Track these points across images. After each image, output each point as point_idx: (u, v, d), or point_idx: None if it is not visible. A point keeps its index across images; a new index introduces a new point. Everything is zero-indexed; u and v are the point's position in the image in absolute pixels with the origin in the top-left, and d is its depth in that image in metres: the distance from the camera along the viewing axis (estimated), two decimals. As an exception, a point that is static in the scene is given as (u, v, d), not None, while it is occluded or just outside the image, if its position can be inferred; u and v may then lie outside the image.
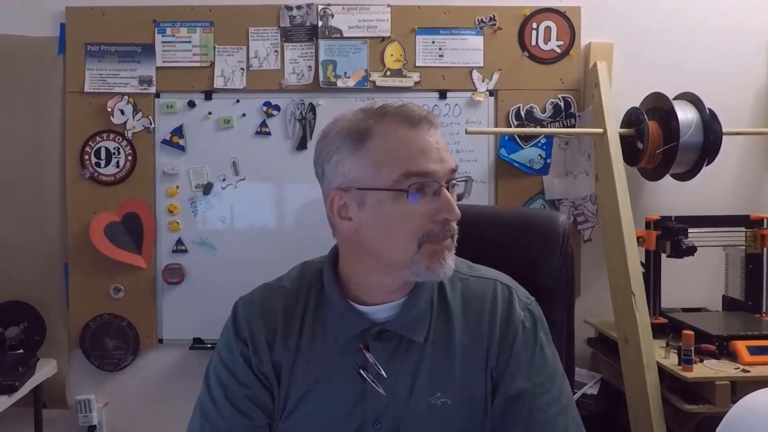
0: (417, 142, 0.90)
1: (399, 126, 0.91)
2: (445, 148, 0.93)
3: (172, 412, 2.14)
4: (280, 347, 0.98)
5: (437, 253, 0.90)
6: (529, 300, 1.01)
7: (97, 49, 2.14)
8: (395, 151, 0.90)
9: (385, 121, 0.91)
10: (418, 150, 0.90)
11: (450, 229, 0.91)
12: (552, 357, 0.98)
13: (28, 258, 2.11)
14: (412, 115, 0.91)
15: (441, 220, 0.90)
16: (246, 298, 1.04)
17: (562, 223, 1.22)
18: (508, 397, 0.94)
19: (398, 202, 0.89)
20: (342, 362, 0.96)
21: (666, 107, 1.93)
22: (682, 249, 1.83)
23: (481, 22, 2.15)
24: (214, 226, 2.16)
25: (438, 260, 0.90)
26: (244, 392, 0.96)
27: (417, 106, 0.93)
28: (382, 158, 0.90)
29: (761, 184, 2.22)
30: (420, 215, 0.89)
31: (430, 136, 0.91)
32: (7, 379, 1.82)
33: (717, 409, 1.53)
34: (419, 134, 0.91)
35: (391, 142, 0.90)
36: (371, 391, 0.94)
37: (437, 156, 0.90)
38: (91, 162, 2.13)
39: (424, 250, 0.90)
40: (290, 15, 2.14)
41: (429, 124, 0.92)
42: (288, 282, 1.04)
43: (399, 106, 0.93)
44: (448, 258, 0.92)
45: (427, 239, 0.90)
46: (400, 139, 0.90)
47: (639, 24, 2.17)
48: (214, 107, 2.15)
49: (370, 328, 0.96)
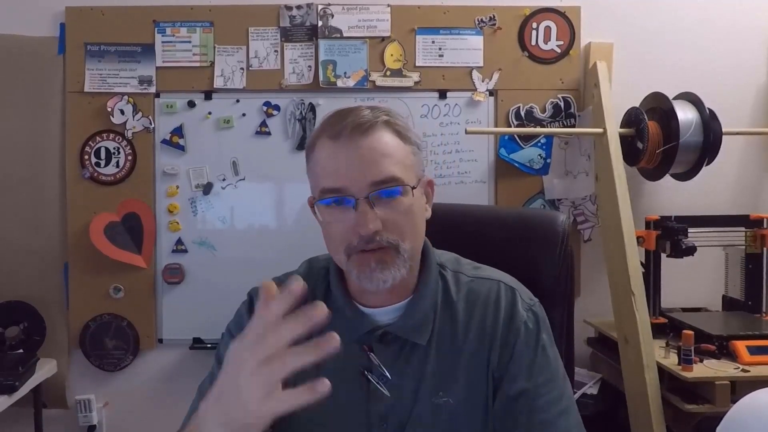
0: (332, 158, 0.91)
1: (325, 139, 0.93)
2: (373, 158, 0.90)
3: (172, 412, 2.13)
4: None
5: (364, 264, 0.91)
6: (532, 301, 1.01)
7: (97, 49, 2.14)
8: (317, 166, 0.94)
9: (321, 133, 0.94)
10: (332, 165, 0.91)
11: (373, 240, 0.89)
12: (554, 359, 0.99)
13: (28, 258, 2.11)
14: (335, 128, 0.92)
15: (357, 234, 0.90)
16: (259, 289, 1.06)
17: (562, 223, 1.23)
18: (509, 398, 0.94)
19: (323, 216, 0.94)
20: (347, 363, 0.96)
21: (666, 107, 1.93)
22: (681, 249, 1.83)
23: (481, 22, 2.15)
24: (214, 226, 2.16)
25: (364, 271, 0.91)
26: None
27: (352, 114, 0.92)
28: (313, 171, 0.96)
29: (761, 184, 2.22)
30: (340, 228, 0.91)
31: (351, 148, 0.90)
32: (7, 379, 1.81)
33: (717, 409, 1.53)
34: (338, 147, 0.91)
35: (317, 156, 0.94)
36: (376, 393, 0.95)
37: (353, 170, 0.89)
38: (91, 162, 2.13)
39: (353, 260, 0.92)
40: (290, 15, 2.14)
41: (354, 133, 0.90)
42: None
43: (333, 117, 0.95)
44: (380, 270, 0.90)
45: (351, 251, 0.91)
46: (322, 153, 0.93)
47: (639, 24, 2.17)
48: (214, 107, 2.15)
49: (373, 331, 0.96)
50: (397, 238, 0.91)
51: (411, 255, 0.94)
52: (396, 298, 0.98)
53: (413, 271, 0.99)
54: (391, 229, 0.90)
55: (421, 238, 0.99)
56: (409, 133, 0.96)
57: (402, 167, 0.92)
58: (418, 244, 0.97)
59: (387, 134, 0.93)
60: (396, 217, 0.91)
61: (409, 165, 0.94)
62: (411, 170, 0.94)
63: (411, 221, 0.93)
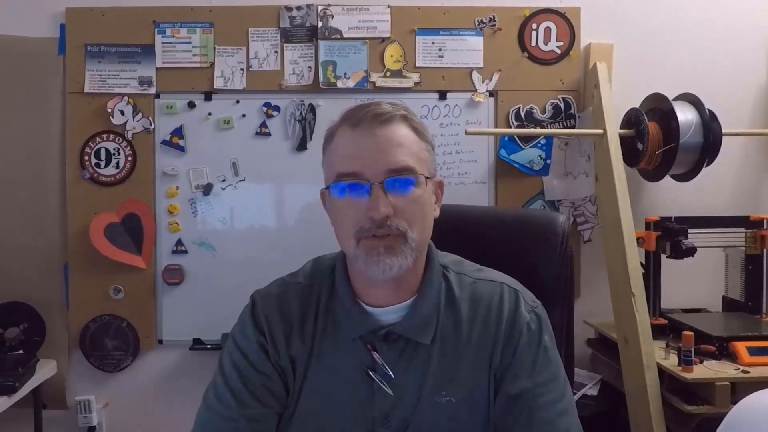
0: (351, 143, 0.94)
1: (345, 128, 0.96)
2: (390, 147, 0.93)
3: (172, 412, 2.15)
4: (297, 343, 0.99)
5: (372, 249, 0.92)
6: (535, 303, 1.03)
7: (97, 49, 2.14)
8: (335, 152, 0.97)
9: (341, 123, 0.97)
10: (350, 151, 0.94)
11: (383, 225, 0.91)
12: (555, 360, 1.00)
13: (28, 258, 2.11)
14: (355, 116, 0.95)
15: (368, 218, 0.91)
16: (263, 292, 1.06)
17: (562, 224, 1.23)
18: (510, 396, 0.95)
19: (336, 202, 0.96)
20: (351, 362, 0.97)
21: (666, 108, 1.93)
22: (681, 250, 1.83)
23: (481, 22, 2.15)
24: (214, 227, 2.16)
25: (373, 256, 0.92)
26: (260, 380, 0.97)
27: (373, 105, 0.96)
28: (330, 159, 0.98)
29: (761, 184, 2.22)
30: (351, 212, 0.93)
31: (369, 136, 0.93)
32: (7, 380, 1.81)
33: (717, 410, 1.53)
34: (356, 135, 0.94)
35: (336, 144, 0.97)
36: (379, 392, 0.95)
37: (370, 156, 0.92)
38: (91, 163, 2.13)
39: (362, 245, 0.93)
40: (290, 16, 2.14)
41: (374, 122, 0.93)
42: (302, 278, 1.06)
43: (354, 108, 0.98)
44: (387, 255, 0.92)
45: (362, 235, 0.92)
46: (341, 140, 0.96)
47: (639, 24, 2.17)
48: (213, 108, 2.15)
49: (377, 330, 0.97)
50: (406, 226, 0.92)
51: (417, 246, 0.94)
52: (400, 297, 0.99)
53: (418, 269, 1.00)
54: (401, 217, 0.92)
55: (429, 232, 1.00)
56: (425, 131, 1.00)
57: (417, 160, 0.95)
58: (425, 237, 0.98)
59: (404, 127, 0.96)
60: (407, 206, 0.92)
61: (423, 159, 0.96)
62: (424, 165, 0.96)
63: (421, 212, 0.95)
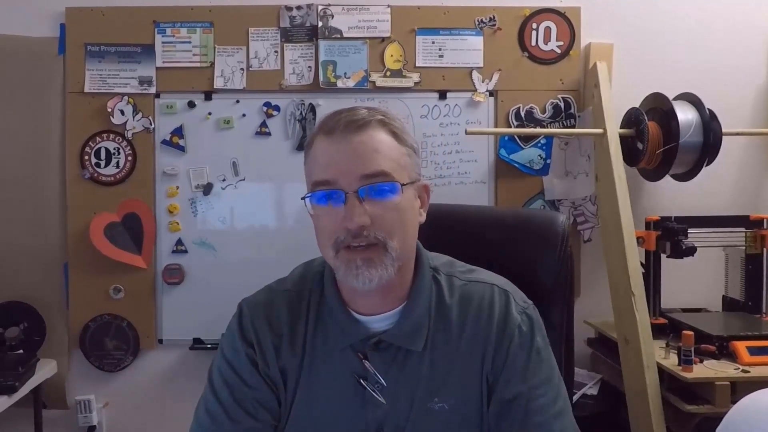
0: (325, 152, 0.92)
1: (321, 136, 0.94)
2: (365, 153, 0.90)
3: (172, 412, 2.15)
4: (287, 353, 0.97)
5: (350, 261, 0.90)
6: (526, 304, 1.00)
7: (97, 49, 2.14)
8: (312, 161, 0.95)
9: (318, 131, 0.95)
10: (325, 159, 0.92)
11: (360, 235, 0.88)
12: (549, 361, 0.98)
13: (28, 258, 2.11)
14: (329, 123, 0.93)
15: (344, 228, 0.89)
16: (250, 301, 1.03)
17: (562, 224, 1.22)
18: (504, 401, 0.94)
19: (314, 210, 0.94)
20: (342, 371, 0.96)
21: (666, 107, 1.93)
22: (681, 249, 1.83)
23: (481, 22, 2.15)
24: (214, 227, 2.16)
25: (352, 269, 0.89)
26: (251, 394, 0.96)
27: (347, 112, 0.94)
28: (308, 168, 0.96)
29: (761, 184, 2.22)
30: (328, 222, 0.91)
31: (343, 143, 0.90)
32: (7, 380, 1.82)
33: (717, 410, 1.53)
34: (331, 143, 0.91)
35: (313, 152, 0.95)
36: (372, 401, 0.94)
37: (344, 163, 0.89)
38: (91, 162, 2.13)
39: (340, 255, 0.91)
40: (290, 15, 2.14)
41: (348, 128, 0.90)
42: (291, 285, 1.03)
43: (329, 115, 0.95)
44: (366, 268, 0.89)
45: (339, 246, 0.90)
46: (317, 149, 0.94)
47: (639, 24, 2.17)
48: (214, 107, 2.15)
49: (368, 339, 0.95)
50: (385, 235, 0.89)
51: (399, 255, 0.91)
52: (390, 305, 0.97)
53: (406, 276, 0.98)
54: (379, 226, 0.89)
55: (412, 239, 0.97)
56: (405, 135, 0.96)
57: (394, 165, 0.91)
58: (409, 245, 0.95)
59: (381, 132, 0.92)
60: (385, 214, 0.89)
61: (403, 165, 0.93)
62: (404, 170, 0.93)
63: (400, 220, 0.91)
